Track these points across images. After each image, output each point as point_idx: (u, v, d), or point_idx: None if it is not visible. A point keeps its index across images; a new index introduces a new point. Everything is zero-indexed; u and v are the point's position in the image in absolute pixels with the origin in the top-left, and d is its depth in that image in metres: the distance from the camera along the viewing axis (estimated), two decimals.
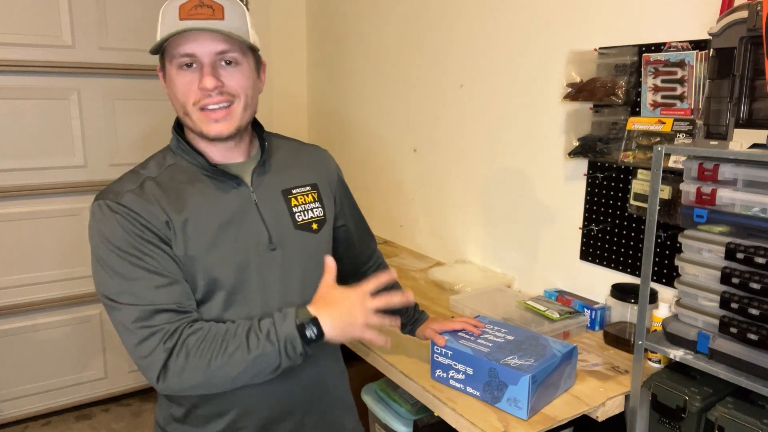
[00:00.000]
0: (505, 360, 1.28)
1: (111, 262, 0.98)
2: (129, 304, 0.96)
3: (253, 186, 1.11)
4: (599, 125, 1.72)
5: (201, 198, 1.05)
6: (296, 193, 1.16)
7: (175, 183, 1.05)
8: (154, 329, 0.95)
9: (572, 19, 1.80)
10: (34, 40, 2.51)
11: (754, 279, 1.08)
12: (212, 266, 1.03)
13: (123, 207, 0.99)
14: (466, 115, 2.26)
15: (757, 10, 1.08)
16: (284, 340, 0.95)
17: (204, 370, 0.94)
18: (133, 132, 2.80)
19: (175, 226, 1.01)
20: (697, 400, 1.22)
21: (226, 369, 0.94)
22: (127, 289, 0.97)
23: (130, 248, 0.98)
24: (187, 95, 1.02)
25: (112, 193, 1.02)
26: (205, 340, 0.95)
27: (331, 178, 1.26)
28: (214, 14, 0.99)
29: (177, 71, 1.02)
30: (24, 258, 2.64)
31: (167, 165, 1.08)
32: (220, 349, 0.94)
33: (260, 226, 1.08)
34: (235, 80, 1.03)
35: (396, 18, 2.57)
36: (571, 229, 1.88)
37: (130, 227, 0.98)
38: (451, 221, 2.41)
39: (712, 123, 1.20)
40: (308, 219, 1.15)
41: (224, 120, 1.03)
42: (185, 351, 0.94)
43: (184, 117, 1.05)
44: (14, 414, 2.74)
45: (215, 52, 1.00)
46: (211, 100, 1.01)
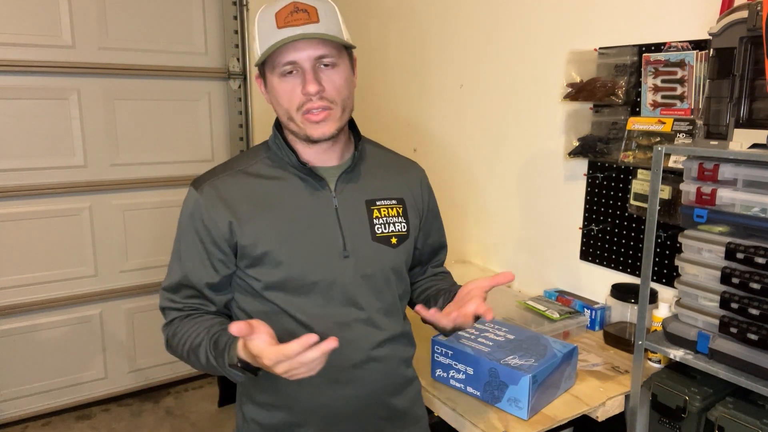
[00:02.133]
0: (505, 360, 1.28)
1: (179, 234, 1.12)
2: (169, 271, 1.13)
3: (336, 191, 1.12)
4: (599, 125, 1.72)
5: (283, 195, 1.09)
6: (380, 205, 1.16)
7: (261, 176, 1.11)
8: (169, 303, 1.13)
9: (572, 19, 1.80)
10: (34, 40, 2.51)
11: (754, 279, 1.08)
12: (282, 263, 1.06)
13: (198, 197, 1.09)
14: (466, 115, 2.26)
15: (757, 10, 1.08)
16: (227, 371, 1.00)
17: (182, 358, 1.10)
18: (133, 132, 2.80)
19: (244, 225, 1.06)
20: (697, 400, 1.22)
21: (195, 365, 1.08)
22: (178, 262, 1.12)
23: (187, 235, 1.10)
24: (291, 101, 1.04)
25: (199, 180, 1.12)
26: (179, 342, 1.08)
27: (422, 197, 1.25)
28: (310, 18, 1.02)
29: (279, 79, 1.04)
30: (24, 258, 2.64)
31: (260, 158, 1.13)
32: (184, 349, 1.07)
33: (337, 232, 1.09)
34: (333, 83, 1.05)
35: (396, 18, 2.57)
36: (571, 229, 1.88)
37: (194, 218, 1.09)
38: (451, 221, 2.40)
39: (712, 123, 1.20)
40: (388, 232, 1.15)
41: (325, 122, 1.05)
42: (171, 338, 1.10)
43: (288, 122, 1.08)
44: (14, 414, 2.74)
45: (315, 57, 1.03)
46: (313, 104, 1.03)
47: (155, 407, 2.93)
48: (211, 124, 2.99)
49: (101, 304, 2.85)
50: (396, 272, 1.17)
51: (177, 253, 1.12)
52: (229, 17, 2.92)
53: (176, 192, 2.87)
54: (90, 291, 2.81)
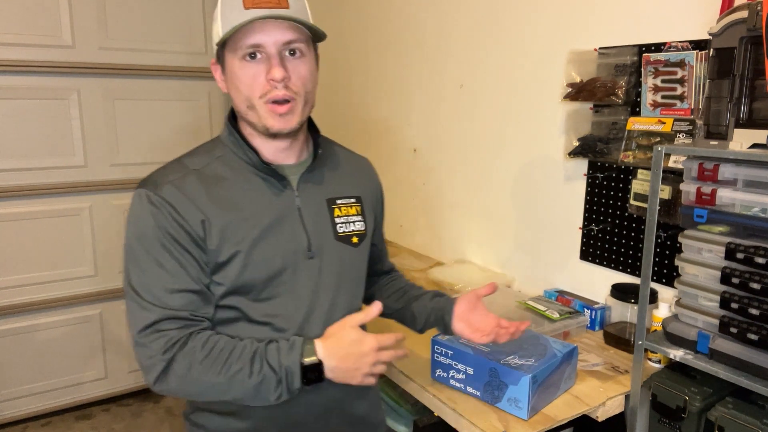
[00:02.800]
0: (505, 360, 1.28)
1: (137, 253, 0.98)
2: (144, 300, 0.97)
3: (299, 191, 1.08)
4: (599, 125, 1.72)
5: (245, 196, 1.03)
6: (340, 204, 1.13)
7: (219, 177, 1.03)
8: (159, 334, 0.95)
9: (572, 19, 1.80)
10: (34, 40, 2.51)
11: (754, 279, 1.08)
12: (249, 266, 1.01)
13: (160, 198, 0.98)
14: (466, 115, 2.26)
15: (757, 10, 1.08)
16: (285, 373, 0.95)
17: (203, 384, 0.95)
18: (133, 132, 2.80)
19: (213, 225, 0.99)
20: (697, 400, 1.22)
21: (225, 388, 0.95)
22: (146, 284, 0.97)
23: (157, 244, 0.97)
24: (253, 88, 0.98)
25: (152, 183, 1.01)
26: (210, 356, 0.95)
27: (376, 194, 1.25)
28: (280, 3, 0.96)
29: (241, 63, 0.98)
30: (24, 258, 2.64)
31: (215, 157, 1.06)
32: (223, 368, 0.95)
33: (301, 232, 1.06)
34: (299, 74, 1.00)
35: (396, 18, 2.57)
36: (571, 229, 1.88)
37: (162, 222, 0.97)
38: (451, 221, 2.41)
39: (712, 123, 1.20)
40: (349, 231, 1.13)
41: (288, 114, 1.00)
42: (188, 361, 0.94)
43: (247, 111, 1.01)
44: (14, 414, 2.74)
45: (283, 42, 0.97)
46: (277, 93, 0.98)
47: (155, 407, 2.93)
48: (211, 124, 3.00)
49: (101, 304, 2.85)
50: (358, 272, 1.16)
51: (149, 264, 0.97)
52: None
53: None
54: (90, 291, 2.81)
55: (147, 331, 0.95)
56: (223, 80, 1.05)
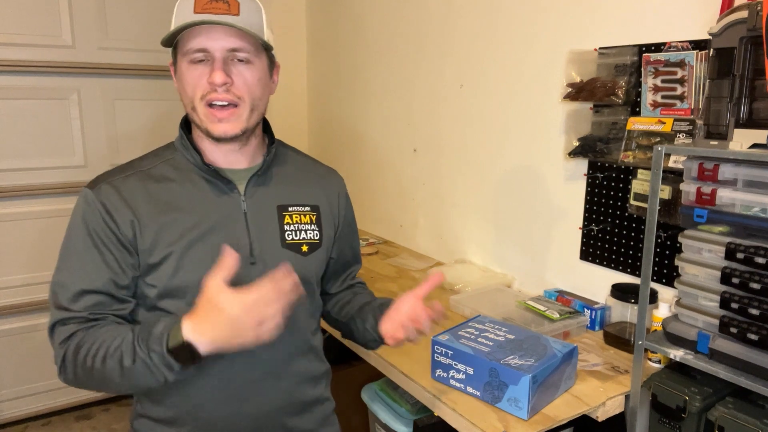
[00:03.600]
0: (505, 360, 1.28)
1: (62, 249, 1.03)
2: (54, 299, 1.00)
3: (246, 195, 1.07)
4: (599, 125, 1.72)
5: (188, 198, 1.03)
6: (292, 212, 1.11)
7: (164, 179, 1.04)
8: (61, 329, 0.98)
9: (572, 19, 1.80)
10: (34, 40, 2.51)
11: (754, 279, 1.08)
12: (182, 268, 0.99)
13: (94, 197, 1.00)
14: (466, 115, 2.26)
15: (757, 10, 1.08)
16: (156, 362, 0.89)
17: (87, 370, 0.94)
18: (133, 132, 2.80)
19: (145, 225, 0.99)
20: (697, 400, 1.22)
21: (106, 375, 0.93)
22: (60, 283, 1.00)
23: (80, 240, 1.00)
24: (195, 89, 1.00)
25: (93, 182, 1.04)
26: (96, 341, 0.94)
27: (338, 207, 1.21)
28: (230, 9, 0.98)
29: (188, 65, 1.00)
30: (24, 258, 2.64)
31: (164, 159, 1.07)
32: (101, 352, 0.92)
33: (244, 237, 1.04)
34: (245, 79, 1.00)
35: (396, 18, 2.57)
36: (571, 229, 1.88)
37: (89, 219, 1.00)
38: (451, 221, 2.41)
39: (712, 123, 1.20)
40: (299, 240, 1.10)
41: (229, 120, 1.01)
42: (76, 349, 0.95)
43: (191, 112, 1.03)
44: (14, 414, 2.73)
45: (228, 48, 0.98)
46: (217, 95, 0.99)
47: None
48: None
49: None
50: (305, 281, 1.08)
51: (70, 263, 1.00)
52: None
53: None
54: None
55: (53, 330, 0.99)
56: (176, 81, 1.06)
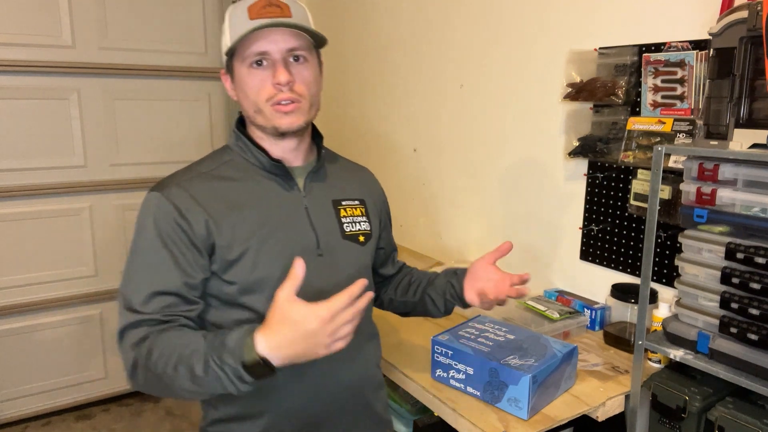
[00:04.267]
0: (505, 360, 1.28)
1: (133, 252, 1.02)
2: (126, 302, 1.00)
3: (305, 191, 1.12)
4: (599, 125, 1.72)
5: (253, 196, 1.07)
6: (345, 205, 1.18)
7: (228, 179, 1.07)
8: (132, 332, 0.98)
9: (572, 19, 1.80)
10: (34, 40, 2.51)
11: (754, 279, 1.08)
12: (260, 262, 1.04)
13: (165, 200, 1.02)
14: (466, 115, 2.26)
15: (757, 10, 1.08)
16: (230, 376, 0.89)
17: (158, 377, 0.94)
18: (133, 132, 2.80)
19: (220, 224, 1.02)
20: (697, 400, 1.22)
21: (176, 383, 0.93)
22: (132, 286, 1.00)
23: (151, 242, 1.01)
24: (260, 92, 1.04)
25: (161, 185, 1.05)
26: (167, 347, 0.94)
27: (379, 199, 1.30)
28: (283, 12, 1.02)
29: (248, 70, 1.04)
30: (24, 258, 2.64)
31: (223, 161, 1.11)
32: (173, 360, 0.92)
33: (309, 230, 1.10)
34: (303, 77, 1.06)
35: (396, 18, 2.57)
36: (571, 229, 1.88)
37: (161, 223, 1.01)
38: (451, 221, 2.41)
39: (712, 123, 1.20)
40: (356, 231, 1.17)
41: (293, 113, 1.05)
42: (147, 355, 0.94)
43: (255, 115, 1.07)
44: (14, 414, 2.74)
45: (287, 49, 1.03)
46: (283, 95, 1.03)
47: (155, 407, 2.93)
48: (210, 124, 3.00)
49: (101, 304, 2.85)
50: (366, 270, 1.19)
51: (140, 266, 1.01)
52: None
53: None
54: (90, 291, 2.81)
55: (124, 334, 0.99)
56: (232, 88, 1.10)
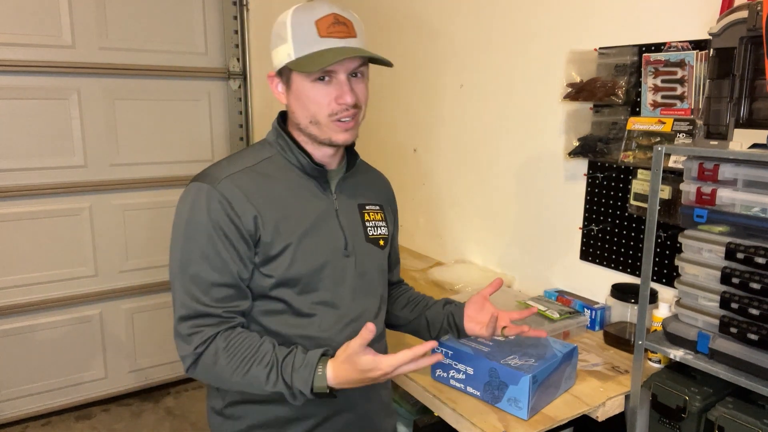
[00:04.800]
0: (505, 360, 1.28)
1: (189, 240, 1.04)
2: (185, 292, 1.04)
3: (336, 194, 1.17)
4: (599, 125, 1.72)
5: (292, 195, 1.11)
6: (368, 210, 1.22)
7: (269, 176, 1.10)
8: (195, 329, 1.04)
9: (572, 19, 1.80)
10: (34, 40, 2.51)
11: (754, 279, 1.08)
12: (297, 260, 1.08)
13: (218, 194, 1.04)
14: (466, 115, 2.26)
15: (757, 10, 1.08)
16: (297, 392, 1.01)
17: (224, 380, 1.05)
18: (133, 132, 2.80)
19: (266, 219, 1.06)
20: (697, 400, 1.22)
21: (243, 386, 1.04)
22: (192, 273, 1.04)
23: (207, 235, 1.03)
24: (322, 107, 1.06)
25: (210, 176, 1.07)
26: (232, 358, 1.02)
27: (393, 207, 1.33)
28: (349, 32, 1.05)
29: (312, 84, 1.05)
30: (24, 258, 2.64)
31: (264, 158, 1.13)
32: (241, 371, 1.02)
33: (339, 232, 1.14)
34: (362, 93, 1.09)
35: (396, 18, 2.57)
36: (571, 229, 1.88)
37: (216, 216, 1.03)
38: (451, 221, 2.41)
39: (712, 123, 1.20)
40: (377, 235, 1.22)
41: (351, 129, 1.09)
42: (212, 360, 1.03)
43: (309, 125, 1.09)
44: (14, 414, 2.73)
45: (352, 69, 1.06)
46: (348, 113, 1.07)
47: (155, 407, 2.93)
48: (211, 124, 2.99)
49: (101, 304, 2.85)
50: (384, 272, 1.25)
51: (197, 257, 1.04)
52: (229, 17, 2.92)
53: (176, 192, 2.86)
54: (90, 291, 2.81)
55: (185, 324, 1.04)
56: (283, 94, 1.12)
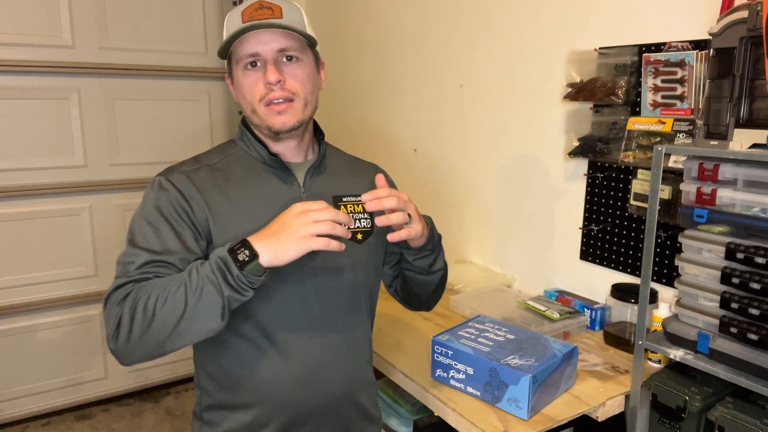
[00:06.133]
0: (505, 360, 1.28)
1: (134, 227, 1.05)
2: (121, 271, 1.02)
3: (305, 186, 1.14)
4: (599, 125, 1.72)
5: (253, 189, 1.10)
6: (346, 202, 1.16)
7: (230, 172, 1.11)
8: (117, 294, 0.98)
9: (572, 19, 1.80)
10: (34, 40, 2.51)
11: (754, 279, 1.08)
12: None
13: (169, 183, 1.06)
14: (466, 115, 2.26)
15: (757, 10, 1.08)
16: (217, 266, 0.92)
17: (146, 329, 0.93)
18: (133, 132, 2.80)
19: (218, 216, 1.06)
20: (697, 400, 1.22)
21: (165, 324, 0.93)
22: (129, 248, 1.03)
23: (156, 215, 1.04)
24: (253, 92, 1.07)
25: (168, 171, 1.10)
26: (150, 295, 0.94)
27: None
28: (273, 14, 1.06)
29: (243, 72, 1.08)
30: (24, 258, 2.64)
31: (227, 154, 1.15)
32: (157, 303, 0.93)
33: None
34: (295, 76, 1.08)
35: (396, 18, 2.57)
36: (571, 229, 1.88)
37: (165, 201, 1.04)
38: (451, 221, 2.41)
39: (712, 123, 1.20)
40: (354, 228, 1.14)
41: (286, 112, 1.08)
42: (130, 310, 0.95)
43: (251, 115, 1.11)
44: (14, 414, 2.74)
45: (277, 50, 1.06)
46: (274, 94, 1.06)
47: (155, 407, 2.93)
48: (210, 124, 3.00)
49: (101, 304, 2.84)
50: (363, 266, 1.18)
51: (139, 240, 1.02)
52: None
53: None
54: (90, 291, 2.81)
55: (109, 297, 1.00)
56: (233, 90, 1.14)
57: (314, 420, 1.14)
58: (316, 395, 1.13)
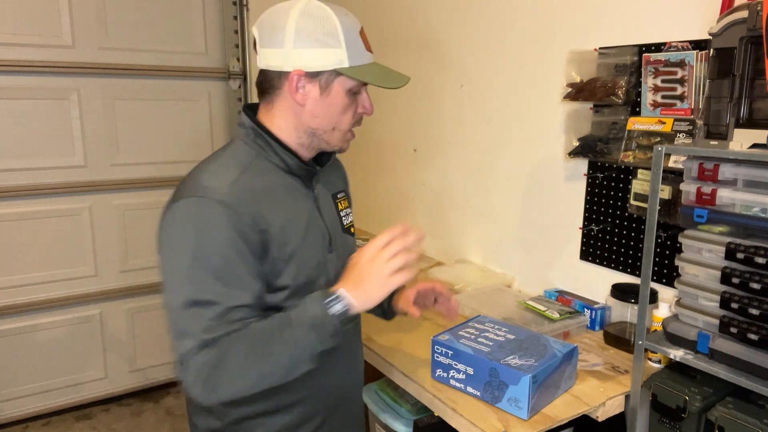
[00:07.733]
0: (505, 360, 1.28)
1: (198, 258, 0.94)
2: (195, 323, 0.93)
3: (315, 188, 1.13)
4: (599, 125, 1.72)
5: (284, 196, 1.05)
6: (340, 198, 1.19)
7: (262, 183, 1.02)
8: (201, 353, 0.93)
9: (572, 19, 1.80)
10: (34, 40, 2.51)
11: (754, 279, 1.08)
12: (303, 265, 1.05)
13: (223, 208, 0.94)
14: (466, 116, 2.26)
15: (757, 10, 1.08)
16: (312, 322, 0.93)
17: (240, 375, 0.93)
18: (133, 132, 2.80)
19: (272, 230, 0.99)
20: (697, 400, 1.22)
21: (270, 378, 0.95)
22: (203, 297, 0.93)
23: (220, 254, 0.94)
24: (348, 117, 1.07)
25: (211, 191, 0.96)
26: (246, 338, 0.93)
27: (348, 187, 1.30)
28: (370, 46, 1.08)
29: (345, 94, 1.05)
30: (24, 258, 2.64)
31: (247, 161, 1.04)
32: (262, 351, 0.92)
33: (323, 227, 1.11)
34: None
35: (396, 18, 2.57)
36: (571, 229, 1.88)
37: (240, 227, 0.95)
38: (451, 221, 2.41)
39: (712, 123, 1.20)
40: (349, 222, 1.19)
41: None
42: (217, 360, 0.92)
43: (326, 132, 1.06)
44: (14, 414, 2.74)
45: None
46: (359, 124, 1.11)
47: (155, 407, 2.93)
48: (211, 124, 2.99)
49: (101, 304, 2.85)
50: None
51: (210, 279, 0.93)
52: (229, 17, 2.92)
53: None
54: (90, 291, 2.81)
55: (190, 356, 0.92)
56: (304, 96, 1.02)
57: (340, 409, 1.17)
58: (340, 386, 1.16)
